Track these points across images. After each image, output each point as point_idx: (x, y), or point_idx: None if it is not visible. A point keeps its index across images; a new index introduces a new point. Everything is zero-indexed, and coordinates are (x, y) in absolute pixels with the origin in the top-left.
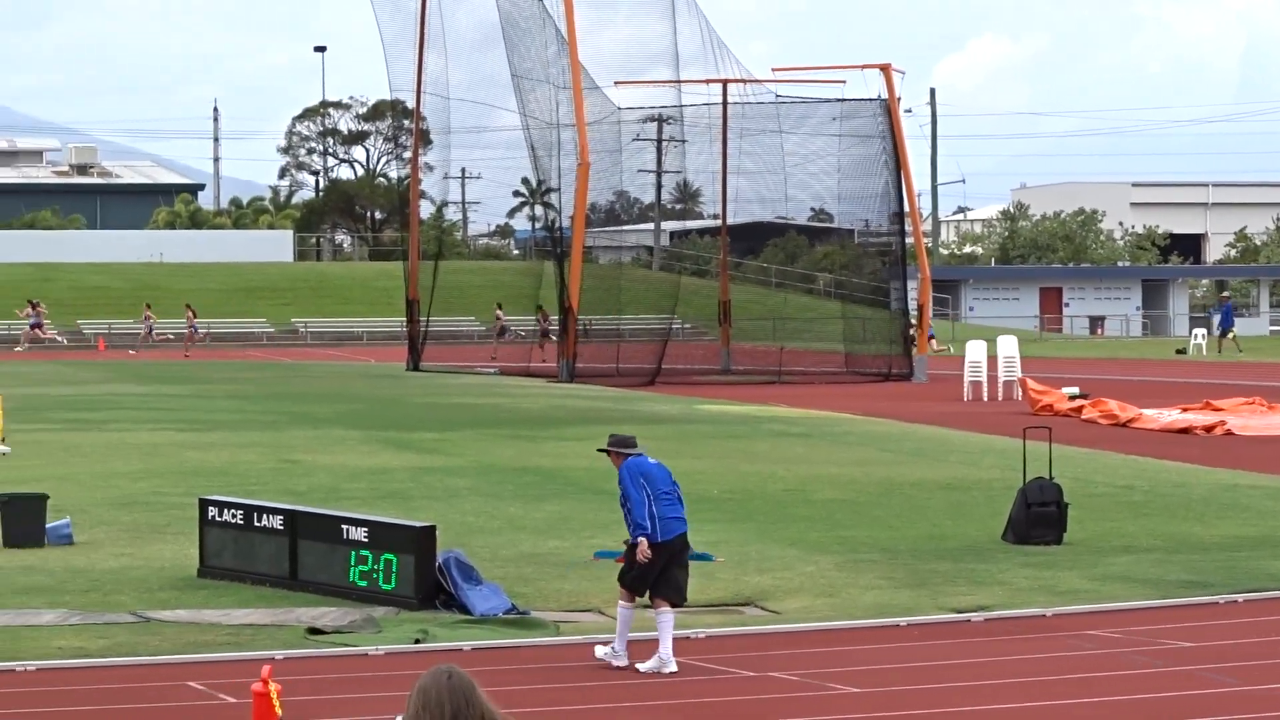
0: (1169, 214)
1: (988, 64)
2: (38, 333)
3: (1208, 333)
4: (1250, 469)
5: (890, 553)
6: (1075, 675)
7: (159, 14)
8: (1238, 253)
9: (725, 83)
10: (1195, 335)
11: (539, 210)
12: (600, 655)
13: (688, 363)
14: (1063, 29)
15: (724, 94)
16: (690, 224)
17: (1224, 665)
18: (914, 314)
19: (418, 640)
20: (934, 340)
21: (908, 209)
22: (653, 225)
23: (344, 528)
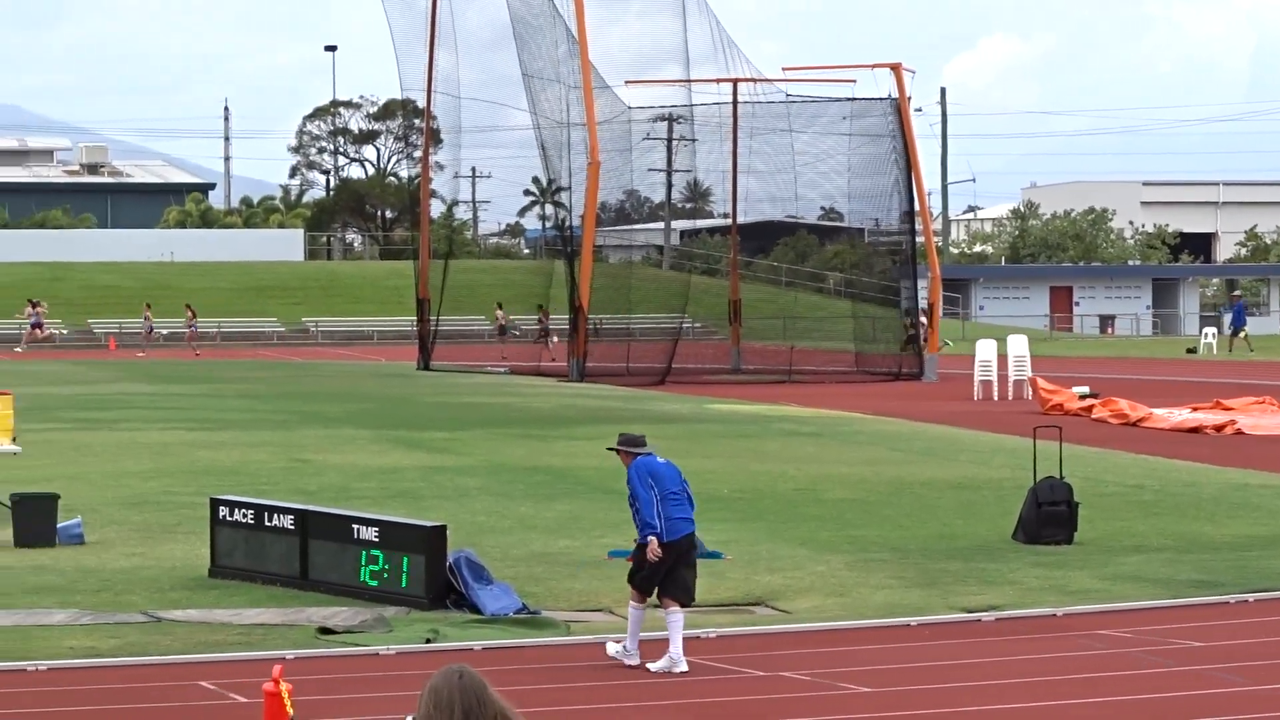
0: (1179, 213)
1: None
2: (37, 332)
3: (1218, 332)
4: (1261, 468)
5: (901, 552)
6: (1086, 675)
7: (170, 13)
8: (1248, 252)
9: (735, 82)
10: (1206, 334)
11: (549, 209)
12: (612, 653)
13: (698, 362)
14: (1073, 28)
15: (734, 93)
16: (700, 223)
17: (1234, 665)
18: (924, 312)
19: (428, 640)
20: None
21: (918, 208)
22: (663, 224)
23: (355, 527)
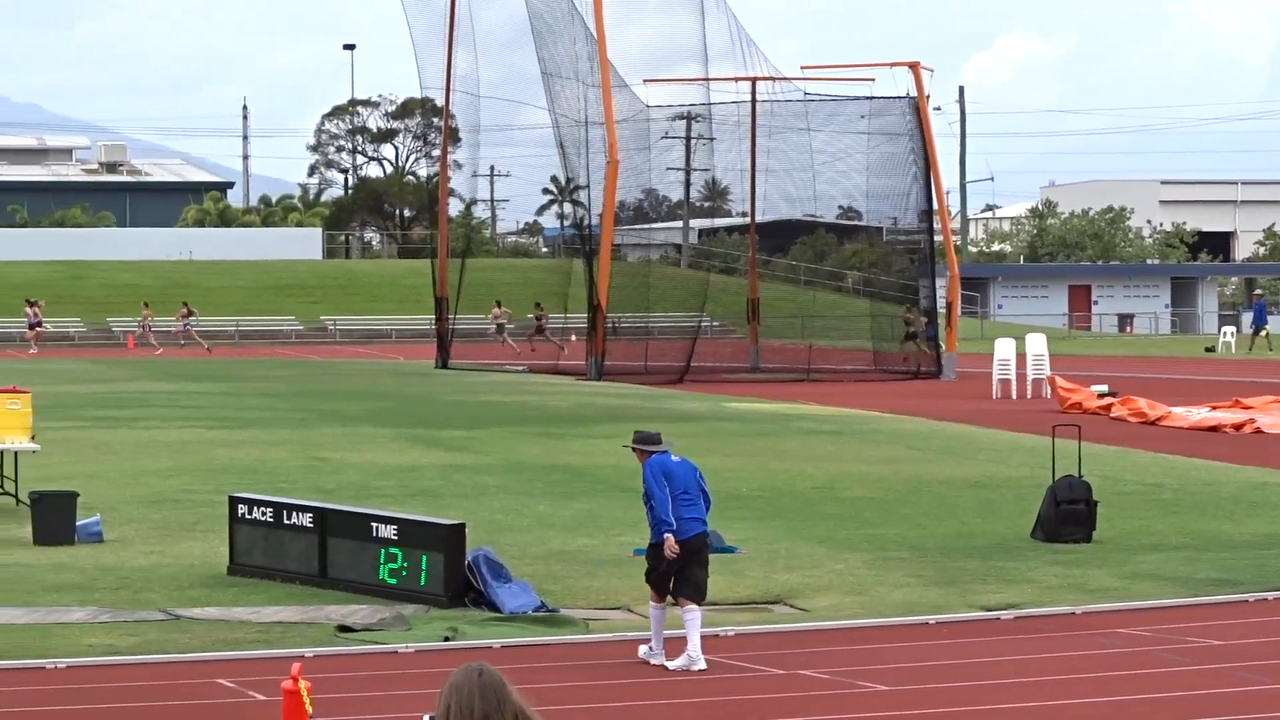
0: (1198, 211)
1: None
2: (36, 331)
3: (1237, 331)
4: None
5: (919, 550)
6: (1104, 673)
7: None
8: (1267, 250)
9: (754, 80)
10: (1224, 333)
11: (568, 208)
12: (642, 654)
13: (716, 360)
14: (1092, 27)
15: (753, 92)
16: (719, 222)
17: (1253, 663)
18: (926, 311)
19: (447, 638)
20: (931, 342)
21: (936, 207)
22: (681, 223)
23: (373, 525)
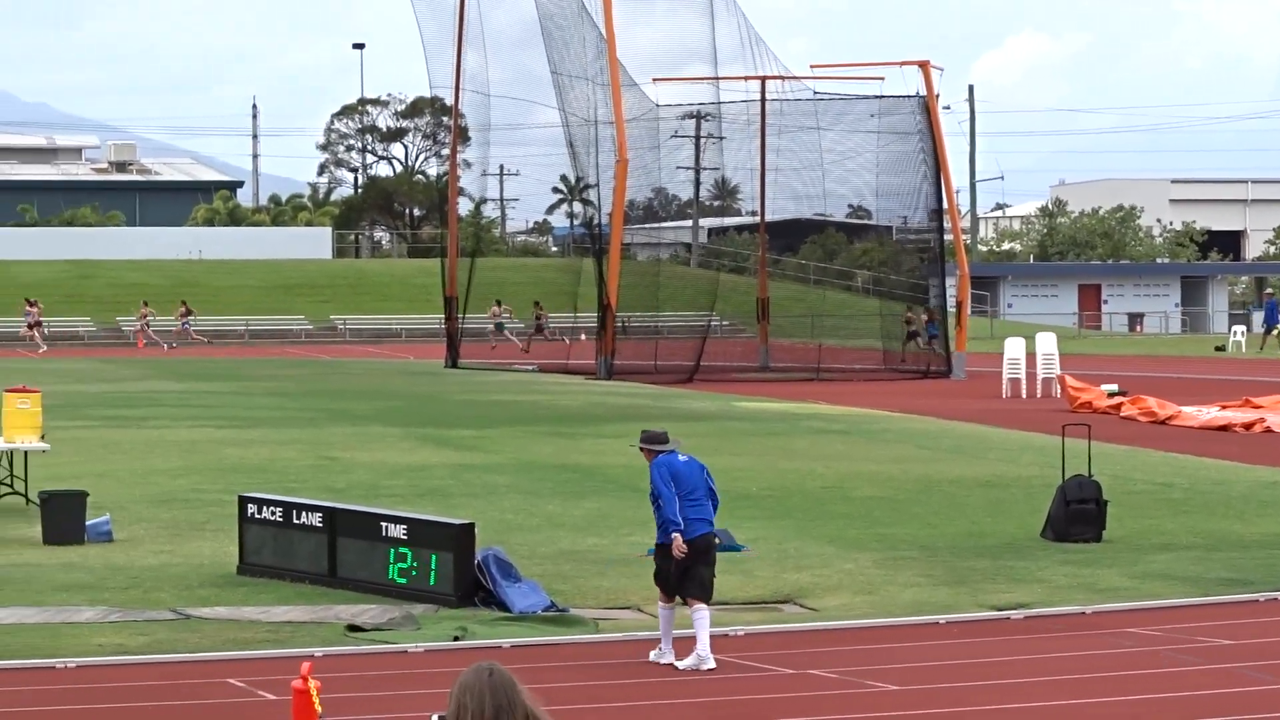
0: (1208, 210)
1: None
2: (34, 331)
3: (1247, 330)
4: None
5: (929, 550)
6: (1114, 673)
7: (199, 12)
8: (1277, 249)
9: (764, 79)
10: (1235, 332)
11: (577, 207)
12: (652, 658)
13: (726, 360)
14: (1102, 25)
15: (762, 91)
16: (728, 221)
17: (1264, 663)
18: (927, 310)
19: (457, 637)
20: (935, 340)
21: (946, 205)
22: (691, 222)
23: (383, 525)
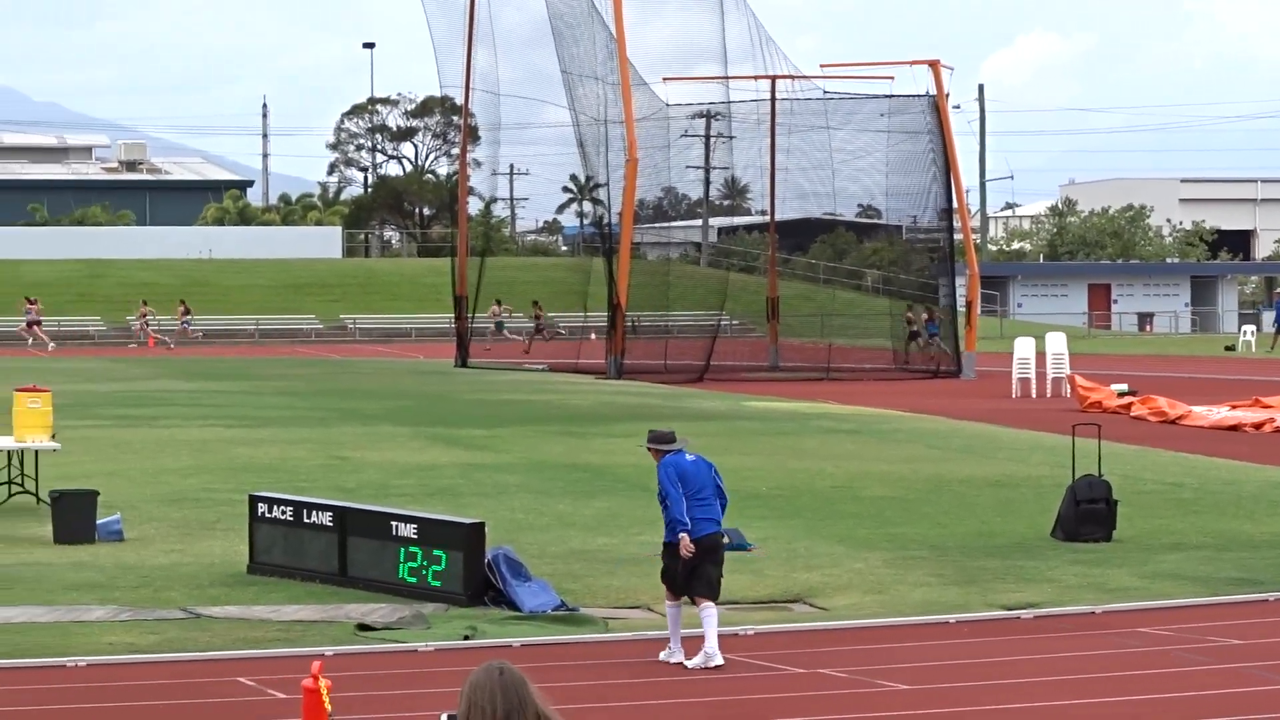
0: (1218, 210)
1: (1036, 60)
2: (35, 329)
3: (1257, 329)
4: None
5: (939, 550)
6: (1124, 672)
7: (209, 11)
8: None
9: (773, 79)
10: (1244, 332)
11: (587, 206)
12: (661, 659)
13: (736, 359)
14: (1111, 25)
15: (772, 90)
16: (738, 220)
17: (1274, 663)
18: (929, 309)
19: (467, 636)
20: (937, 338)
21: (956, 205)
22: (701, 221)
23: (393, 524)
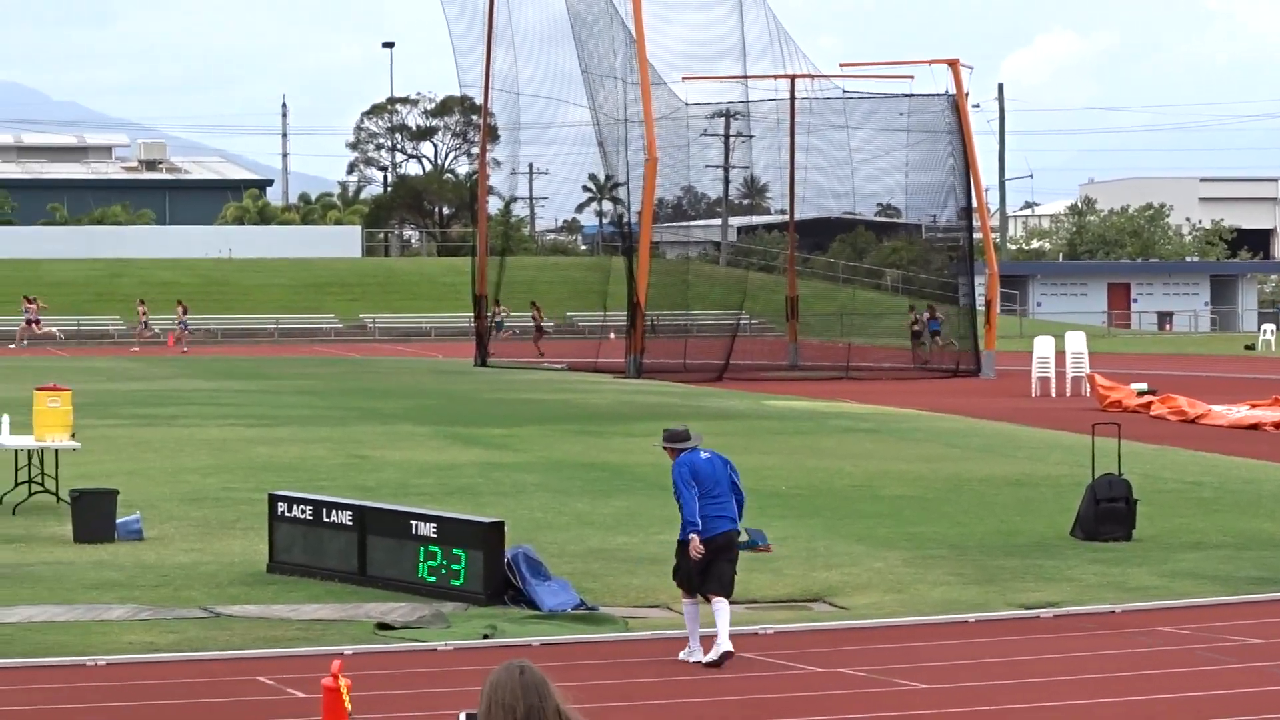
0: (1237, 209)
1: (1056, 59)
2: (34, 329)
3: (1277, 328)
4: None
5: (958, 549)
6: (1143, 671)
7: (228, 10)
8: None
9: (793, 78)
10: (1264, 331)
11: (607, 205)
12: (681, 658)
13: (755, 358)
14: (1131, 24)
15: (791, 89)
16: (758, 219)
17: None
18: (931, 308)
19: (486, 635)
20: (938, 336)
21: (975, 204)
22: (720, 220)
23: (413, 523)
